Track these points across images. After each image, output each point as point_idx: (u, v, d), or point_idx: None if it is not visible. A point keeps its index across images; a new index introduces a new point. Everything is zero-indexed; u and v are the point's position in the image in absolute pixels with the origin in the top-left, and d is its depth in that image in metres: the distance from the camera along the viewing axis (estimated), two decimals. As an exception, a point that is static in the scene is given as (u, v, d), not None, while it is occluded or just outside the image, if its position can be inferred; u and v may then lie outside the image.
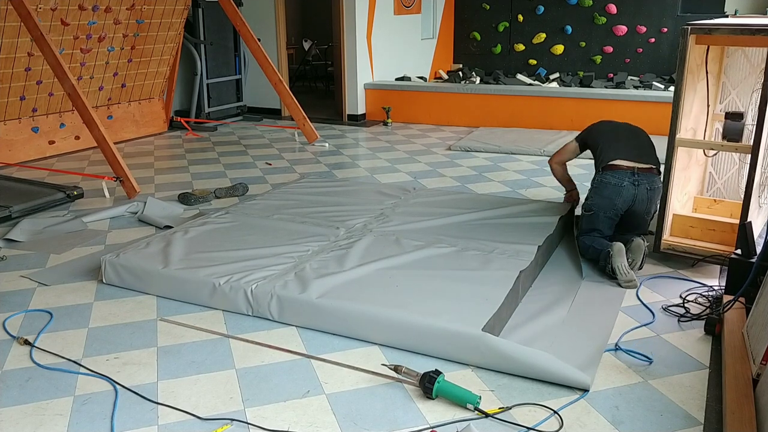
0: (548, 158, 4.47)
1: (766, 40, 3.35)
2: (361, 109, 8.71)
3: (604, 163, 3.78)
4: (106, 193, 5.26)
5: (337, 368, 2.74)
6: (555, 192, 5.34)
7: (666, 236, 3.84)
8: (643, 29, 9.99)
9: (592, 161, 4.02)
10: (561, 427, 2.35)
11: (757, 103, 3.37)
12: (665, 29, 9.86)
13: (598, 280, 3.57)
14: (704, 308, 3.23)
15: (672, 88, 7.29)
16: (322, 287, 3.15)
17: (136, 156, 6.78)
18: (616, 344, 2.90)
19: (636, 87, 8.94)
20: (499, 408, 2.45)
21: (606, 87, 8.94)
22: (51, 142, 6.68)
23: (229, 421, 2.39)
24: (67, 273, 3.76)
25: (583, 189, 4.66)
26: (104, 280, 3.58)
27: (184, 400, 2.53)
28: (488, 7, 10.86)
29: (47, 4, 5.90)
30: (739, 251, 3.29)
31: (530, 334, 2.96)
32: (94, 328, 3.12)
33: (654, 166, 3.78)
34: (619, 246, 3.55)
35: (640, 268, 3.66)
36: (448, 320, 2.82)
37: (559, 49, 10.55)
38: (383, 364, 2.70)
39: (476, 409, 2.41)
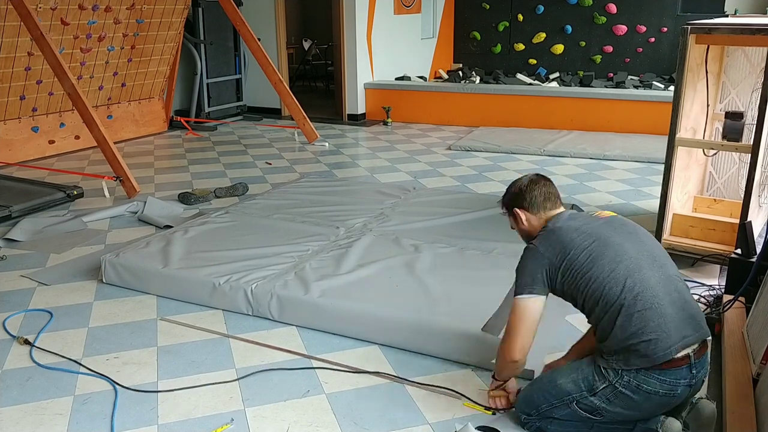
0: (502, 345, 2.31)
1: (766, 40, 3.35)
2: (361, 109, 8.71)
3: (652, 360, 2.04)
4: (106, 193, 5.26)
5: (336, 368, 2.74)
6: (555, 191, 5.34)
7: (666, 236, 3.84)
8: (643, 29, 9.98)
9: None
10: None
11: (757, 103, 3.37)
12: (665, 29, 9.85)
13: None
14: (704, 308, 3.23)
15: (672, 88, 7.28)
16: (322, 287, 3.15)
17: (136, 155, 6.78)
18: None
19: (636, 86, 8.94)
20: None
21: (606, 87, 8.93)
22: (51, 142, 6.68)
23: (230, 420, 2.40)
24: (67, 273, 3.76)
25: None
26: (104, 280, 3.58)
27: (184, 399, 2.53)
28: (488, 6, 10.84)
29: (47, 3, 5.90)
30: (739, 251, 3.29)
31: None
32: (94, 327, 3.12)
33: (708, 337, 2.16)
34: (675, 427, 2.11)
35: None
36: (447, 320, 2.83)
37: (559, 48, 10.54)
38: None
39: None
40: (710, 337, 2.18)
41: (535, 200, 2.35)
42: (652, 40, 9.96)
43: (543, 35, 10.61)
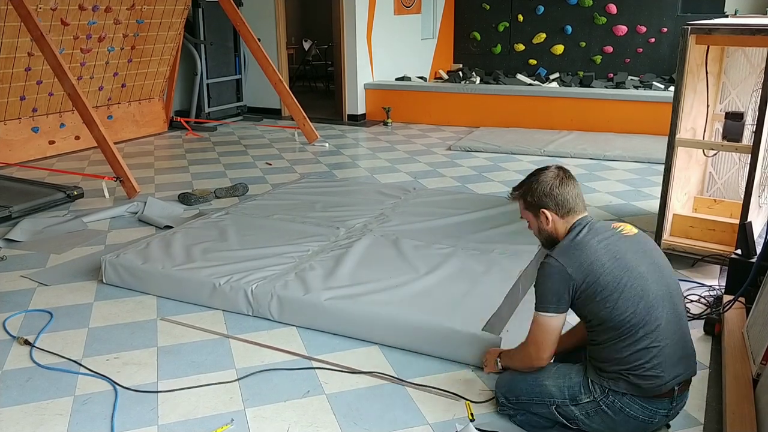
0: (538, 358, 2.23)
1: (766, 40, 3.35)
2: (361, 109, 8.71)
3: (643, 392, 2.08)
4: (106, 193, 5.26)
5: (337, 368, 2.74)
6: (555, 192, 5.34)
7: (666, 236, 3.84)
8: (643, 29, 9.98)
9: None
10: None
11: (757, 103, 3.37)
12: (665, 29, 9.85)
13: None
14: (704, 308, 3.23)
15: (672, 88, 7.28)
16: (322, 287, 3.15)
17: (136, 156, 6.78)
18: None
19: (636, 87, 8.94)
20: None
21: (606, 87, 8.93)
22: (51, 142, 6.68)
23: (230, 420, 2.40)
24: (67, 273, 3.76)
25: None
26: (104, 280, 3.58)
27: (185, 399, 2.53)
28: (488, 7, 10.85)
29: (47, 4, 5.90)
30: (739, 251, 3.29)
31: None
32: (94, 328, 3.12)
33: (695, 375, 2.21)
34: None
35: None
36: (448, 320, 2.83)
37: (559, 49, 10.55)
38: None
39: None
40: (696, 375, 2.22)
41: (566, 203, 2.17)
42: (653, 40, 9.97)
43: (543, 36, 10.61)
